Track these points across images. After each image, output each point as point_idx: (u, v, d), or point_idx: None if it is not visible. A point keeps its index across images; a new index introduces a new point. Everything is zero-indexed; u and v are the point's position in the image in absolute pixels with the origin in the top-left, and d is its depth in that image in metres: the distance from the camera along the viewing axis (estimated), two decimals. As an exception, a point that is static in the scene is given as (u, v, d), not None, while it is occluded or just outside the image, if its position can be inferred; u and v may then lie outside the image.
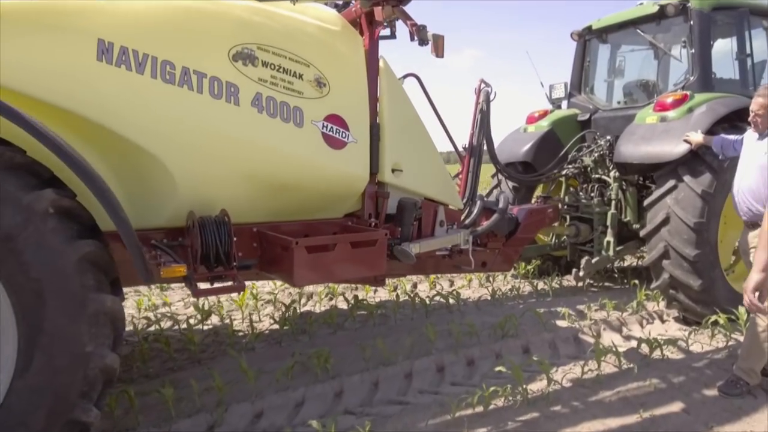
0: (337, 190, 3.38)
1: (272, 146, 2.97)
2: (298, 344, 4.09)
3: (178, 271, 2.42)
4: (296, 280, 2.89)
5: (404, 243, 3.55)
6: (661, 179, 4.66)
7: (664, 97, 4.99)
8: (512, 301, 5.47)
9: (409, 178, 3.69)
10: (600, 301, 5.14)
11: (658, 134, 4.70)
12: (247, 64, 2.91)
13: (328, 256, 3.00)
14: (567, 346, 4.20)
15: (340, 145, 3.24)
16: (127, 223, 2.26)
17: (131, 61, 2.63)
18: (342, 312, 4.83)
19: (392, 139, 3.58)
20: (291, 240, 2.87)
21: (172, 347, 4.03)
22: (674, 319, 4.91)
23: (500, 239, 4.66)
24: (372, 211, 3.62)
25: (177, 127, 2.72)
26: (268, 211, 3.31)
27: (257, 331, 4.45)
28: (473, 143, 4.63)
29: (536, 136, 6.22)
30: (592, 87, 6.57)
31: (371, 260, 3.20)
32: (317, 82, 3.17)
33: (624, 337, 4.52)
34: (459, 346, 3.97)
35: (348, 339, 4.18)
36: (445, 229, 4.00)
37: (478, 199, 4.59)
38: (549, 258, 6.63)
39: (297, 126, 3.05)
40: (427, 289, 5.99)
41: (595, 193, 5.75)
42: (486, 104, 4.68)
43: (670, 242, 4.43)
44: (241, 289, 2.79)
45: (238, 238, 3.19)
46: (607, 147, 5.64)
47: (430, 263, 4.26)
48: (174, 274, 2.43)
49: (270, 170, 3.03)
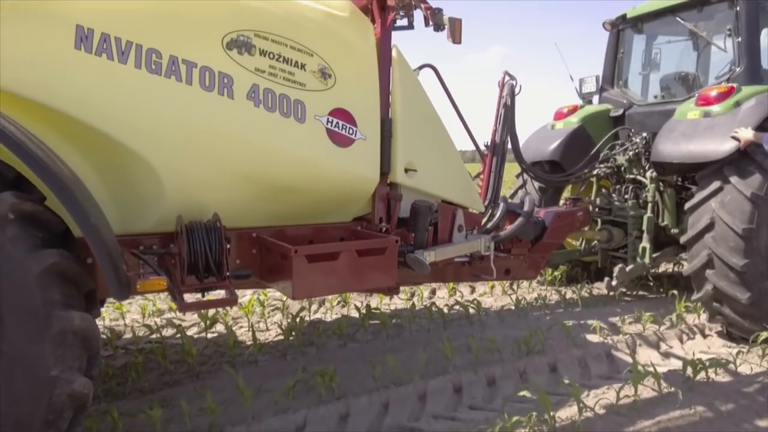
0: (343, 193, 3.10)
1: (270, 144, 2.71)
2: (304, 358, 3.83)
3: (157, 285, 2.17)
4: (295, 292, 2.62)
5: (418, 250, 3.26)
6: (704, 180, 4.27)
7: (707, 90, 4.59)
8: (538, 312, 5.12)
9: (424, 179, 3.40)
10: (635, 313, 4.77)
11: (702, 130, 4.31)
12: (243, 52, 2.66)
13: (331, 265, 2.72)
14: (599, 364, 3.85)
15: (347, 143, 2.97)
16: (96, 229, 2.02)
17: (113, 49, 2.39)
18: (354, 321, 4.56)
19: (405, 136, 3.29)
20: (289, 248, 2.60)
21: (169, 359, 3.81)
22: (717, 334, 4.52)
23: (525, 245, 4.35)
24: (383, 214, 3.34)
25: (163, 123, 2.48)
26: (268, 214, 3.05)
27: (262, 342, 4.21)
28: (496, 140, 4.31)
29: (565, 133, 5.86)
30: (626, 80, 6.18)
31: (380, 270, 2.92)
32: (321, 73, 2.90)
33: (662, 354, 4.15)
34: (479, 363, 3.66)
35: (358, 353, 3.90)
36: (464, 234, 3.70)
37: (501, 202, 4.29)
38: (578, 264, 6.26)
39: (298, 121, 2.78)
40: (446, 296, 5.68)
41: (630, 194, 5.37)
42: (510, 98, 4.36)
43: (715, 250, 4.05)
44: (233, 303, 2.54)
45: (236, 244, 2.95)
46: (643, 145, 5.26)
47: (449, 271, 3.97)
48: (152, 288, 2.19)
49: (268, 170, 2.77)
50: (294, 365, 3.67)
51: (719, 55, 5.46)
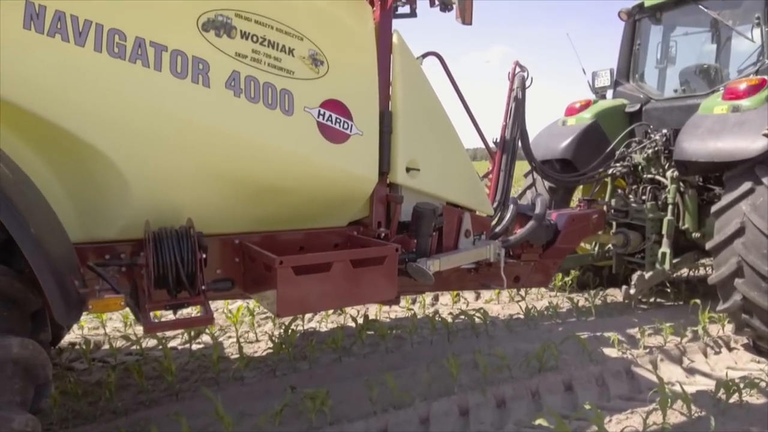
0: (337, 194, 2.80)
1: (253, 139, 2.40)
2: (295, 375, 3.53)
3: (113, 304, 1.86)
4: (280, 309, 2.32)
5: (421, 259, 2.96)
6: (733, 181, 3.96)
7: (735, 83, 4.28)
8: (549, 321, 4.82)
9: (427, 179, 3.10)
10: (655, 324, 4.46)
11: (730, 127, 4.00)
12: (222, 34, 2.35)
13: (321, 278, 2.42)
14: (618, 382, 3.55)
15: (341, 138, 2.66)
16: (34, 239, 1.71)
17: (69, 29, 2.09)
18: (350, 332, 4.25)
19: (407, 132, 2.99)
20: (273, 258, 2.30)
21: (148, 376, 3.52)
22: (744, 347, 4.22)
23: (536, 250, 4.05)
24: (382, 218, 3.03)
25: (128, 115, 2.18)
26: (252, 219, 2.75)
27: (249, 355, 3.91)
28: (506, 137, 4.00)
29: (577, 130, 5.54)
30: (643, 74, 5.86)
31: (378, 282, 2.62)
32: (312, 60, 2.59)
33: (686, 370, 3.84)
34: (487, 382, 3.36)
35: (354, 369, 3.60)
36: (472, 240, 3.40)
37: (511, 204, 3.98)
38: (589, 269, 5.94)
39: (285, 113, 2.47)
40: (450, 303, 5.38)
41: (648, 195, 5.06)
42: (521, 91, 4.05)
43: (745, 257, 3.74)
44: (208, 322, 2.23)
45: (215, 252, 2.66)
46: (662, 142, 4.94)
47: (454, 278, 3.67)
48: (107, 308, 1.88)
49: (251, 169, 2.47)
50: (284, 383, 3.37)
51: (744, 46, 5.15)
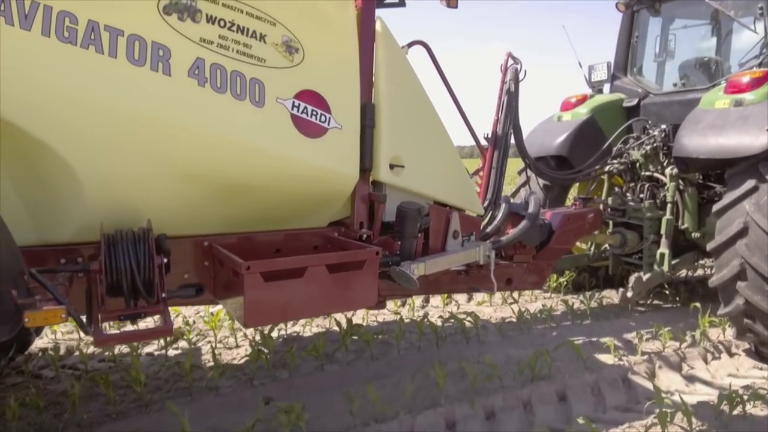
0: (315, 193, 2.62)
1: (220, 133, 2.22)
2: (273, 384, 3.35)
3: (53, 316, 1.67)
4: (247, 318, 2.14)
5: (405, 262, 2.79)
6: (735, 178, 3.81)
7: (738, 76, 4.12)
8: (542, 325, 4.66)
9: (412, 177, 2.93)
10: (653, 329, 4.30)
11: (733, 122, 3.84)
12: (185, 18, 2.17)
13: (294, 285, 2.24)
14: (615, 392, 3.39)
15: (318, 132, 2.48)
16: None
17: (12, 11, 1.92)
18: (335, 337, 4.08)
19: (391, 126, 2.82)
20: (240, 263, 2.12)
21: (118, 385, 3.33)
22: (745, 353, 4.07)
23: (530, 251, 3.89)
24: (364, 219, 2.86)
25: (79, 106, 1.99)
26: (223, 219, 2.57)
27: (227, 362, 3.73)
28: (498, 132, 3.83)
29: (573, 126, 5.38)
30: (641, 67, 5.70)
31: (357, 289, 2.44)
32: (286, 47, 2.41)
33: (685, 377, 3.69)
34: (476, 392, 3.19)
35: (336, 378, 3.42)
36: (460, 241, 3.22)
37: (503, 202, 3.81)
38: (585, 269, 5.78)
39: (255, 105, 2.29)
40: (441, 305, 5.21)
41: (646, 194, 4.90)
42: (514, 84, 3.88)
43: (749, 259, 3.58)
44: (166, 333, 2.06)
45: (183, 254, 2.48)
46: (661, 138, 4.79)
47: (442, 282, 3.52)
48: (46, 321, 1.69)
49: (218, 166, 2.29)
50: (261, 394, 3.20)
51: (746, 39, 5.01)
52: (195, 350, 4.04)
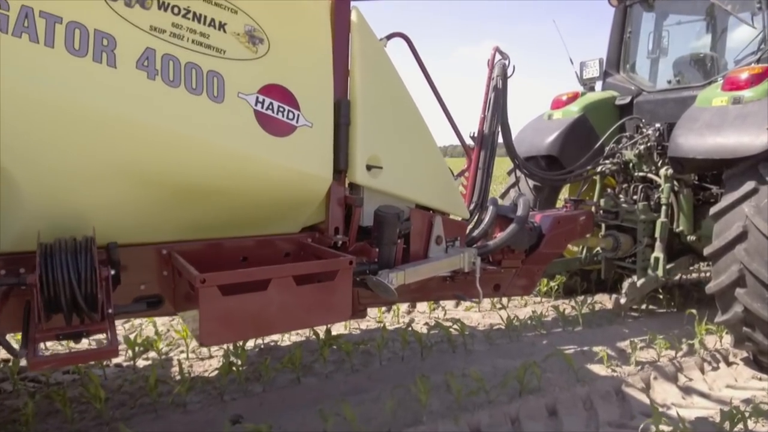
0: (283, 196, 2.43)
1: (173, 130, 2.02)
2: (244, 400, 3.15)
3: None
4: (203, 336, 1.94)
5: (383, 271, 2.60)
6: (733, 180, 3.64)
7: (736, 73, 3.96)
8: (532, 332, 4.48)
9: (392, 178, 2.74)
10: (646, 336, 4.13)
11: (731, 120, 3.68)
12: (133, 4, 1.97)
13: (257, 299, 2.05)
14: (608, 405, 3.21)
15: (285, 130, 2.29)
16: None
17: (-67, -7, 1.70)
18: (314, 346, 3.89)
19: (368, 124, 2.63)
20: (194, 275, 1.92)
21: (77, 401, 3.12)
22: (743, 362, 3.91)
23: (518, 256, 3.72)
24: (339, 224, 2.67)
25: (13, 101, 1.78)
26: (184, 225, 2.37)
27: (198, 375, 3.53)
28: (484, 131, 3.65)
29: (564, 124, 5.21)
30: (634, 64, 5.54)
31: (329, 302, 2.25)
32: (249, 37, 2.21)
33: (682, 389, 3.52)
34: (461, 408, 3.01)
35: (313, 392, 3.23)
36: (444, 247, 3.04)
37: (490, 205, 3.63)
38: (576, 273, 5.61)
39: (214, 100, 2.09)
40: (427, 311, 5.02)
41: (639, 195, 4.73)
42: (502, 80, 3.70)
43: (748, 265, 3.42)
44: (112, 354, 1.85)
45: (138, 264, 2.28)
46: (655, 137, 4.62)
47: (427, 288, 3.33)
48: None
49: (173, 167, 2.09)
50: (231, 410, 3.00)
51: (742, 35, 4.86)
52: (166, 361, 3.83)
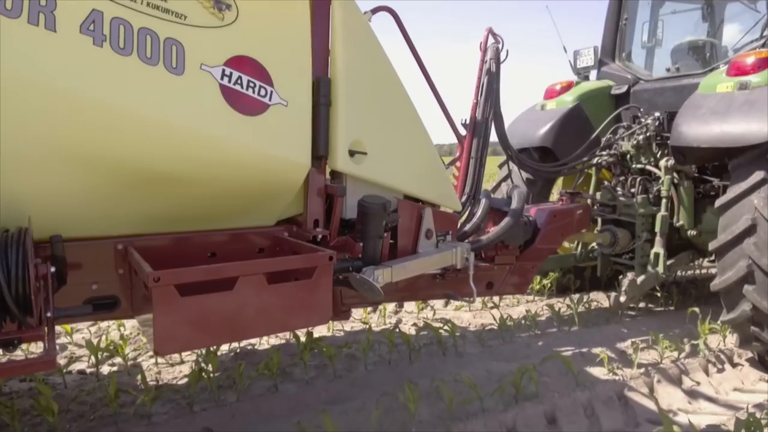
0: (255, 183, 2.17)
1: (123, 105, 1.76)
2: (215, 410, 2.88)
3: None
4: (157, 344, 1.68)
5: (367, 268, 2.35)
6: (741, 170, 3.45)
7: (741, 57, 3.76)
8: (526, 333, 4.26)
9: (377, 166, 2.51)
10: (648, 336, 3.93)
11: (738, 106, 3.49)
12: (76, -42, 1.69)
13: (221, 300, 1.79)
14: (611, 412, 3.00)
15: (257, 109, 2.04)
16: None
17: None
18: (293, 350, 3.63)
19: (350, 105, 2.38)
20: (147, 273, 1.66)
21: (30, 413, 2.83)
22: (749, 363, 3.72)
23: (512, 251, 3.51)
24: (319, 216, 2.42)
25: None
26: (141, 216, 2.11)
27: (167, 382, 3.26)
28: (477, 117, 3.41)
29: (558, 115, 5.00)
30: (630, 53, 5.35)
31: (306, 303, 2.00)
32: (215, 2, 1.96)
33: (687, 393, 3.32)
34: (452, 417, 2.77)
35: (291, 402, 2.97)
36: (434, 242, 2.81)
37: (483, 197, 3.41)
38: (570, 270, 5.41)
39: (172, 72, 1.83)
40: (416, 311, 4.78)
41: (637, 188, 4.54)
42: (495, 63, 3.46)
43: (757, 260, 3.22)
44: (49, 366, 1.58)
45: (89, 260, 2.01)
46: (655, 127, 4.42)
47: (416, 287, 3.13)
48: None
49: (124, 148, 1.83)
50: (199, 423, 2.73)
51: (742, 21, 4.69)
52: (133, 368, 3.55)
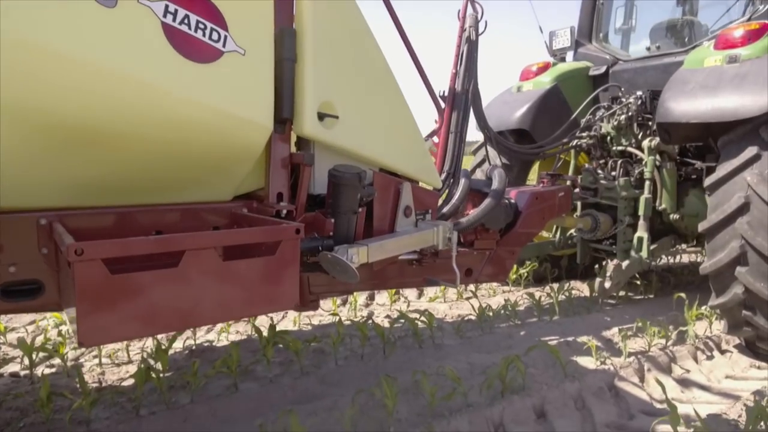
0: (206, 147, 1.85)
1: (38, 43, 1.41)
2: (165, 414, 2.54)
3: None
4: (81, 333, 1.35)
5: (340, 246, 2.06)
6: (731, 146, 3.29)
7: (729, 30, 3.61)
8: (506, 323, 4.04)
9: (350, 132, 2.21)
10: (634, 324, 3.75)
11: (729, 80, 3.32)
12: None
13: (163, 279, 1.47)
14: (603, 404, 2.79)
15: (207, 55, 1.72)
16: None
17: None
18: (255, 346, 3.31)
19: (320, 60, 2.08)
20: (69, 245, 1.33)
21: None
22: (738, 349, 3.58)
23: (493, 236, 3.27)
24: (284, 188, 2.11)
25: None
26: (69, 186, 1.77)
27: (113, 382, 2.91)
28: (456, 88, 3.15)
29: (535, 96, 4.81)
30: (607, 34, 5.18)
31: (268, 284, 1.69)
32: (156, -77, 1.62)
33: (678, 382, 3.14)
34: (434, 414, 2.51)
35: (251, 402, 2.66)
36: (414, 220, 2.53)
37: (462, 177, 3.15)
38: (547, 259, 5.23)
39: (102, 3, 1.49)
40: (388, 303, 4.51)
41: (618, 171, 4.36)
42: (474, 32, 3.21)
43: (751, 240, 3.06)
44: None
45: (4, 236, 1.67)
46: (637, 106, 4.25)
47: (391, 274, 2.85)
48: None
49: (40, 97, 1.48)
50: (147, 427, 2.40)
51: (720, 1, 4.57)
52: (75, 368, 3.17)
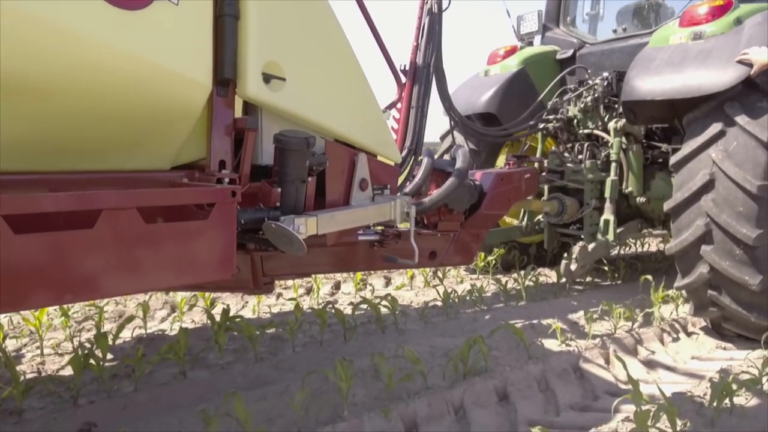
0: (137, 104, 1.69)
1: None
2: (104, 403, 2.38)
3: None
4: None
5: (286, 216, 1.93)
6: (696, 124, 3.25)
7: (693, 8, 3.57)
8: (472, 308, 3.96)
9: (299, 96, 2.08)
10: (600, 308, 3.70)
11: (693, 56, 3.29)
12: None
13: (73, 242, 1.32)
14: (567, 386, 2.71)
15: (135, 1, 1.56)
16: None
17: None
18: (208, 333, 3.16)
19: (264, 17, 1.94)
20: (-41, 199, 1.17)
21: None
22: (703, 331, 3.55)
23: (457, 217, 3.18)
24: (226, 156, 1.96)
25: None
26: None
27: (52, 372, 2.73)
28: (418, 62, 3.05)
29: (502, 80, 4.75)
30: (575, 17, 5.15)
31: (199, 250, 1.55)
32: None
33: (644, 363, 3.09)
34: (392, 397, 2.40)
35: (200, 389, 2.51)
36: (370, 194, 2.41)
37: (425, 156, 3.05)
38: (515, 246, 5.18)
39: (5, -68, 1.33)
40: (353, 292, 4.39)
41: (585, 154, 4.32)
42: (437, 4, 3.11)
43: (716, 218, 3.03)
44: None
45: None
46: (603, 87, 4.20)
47: (351, 255, 2.74)
48: None
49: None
50: (82, 418, 2.23)
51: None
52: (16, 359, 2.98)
